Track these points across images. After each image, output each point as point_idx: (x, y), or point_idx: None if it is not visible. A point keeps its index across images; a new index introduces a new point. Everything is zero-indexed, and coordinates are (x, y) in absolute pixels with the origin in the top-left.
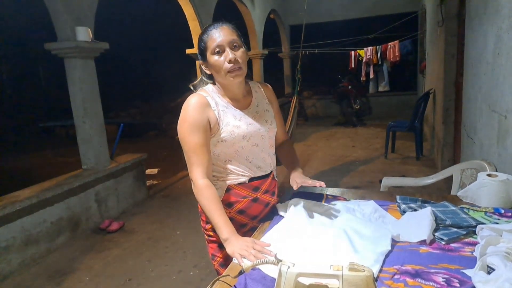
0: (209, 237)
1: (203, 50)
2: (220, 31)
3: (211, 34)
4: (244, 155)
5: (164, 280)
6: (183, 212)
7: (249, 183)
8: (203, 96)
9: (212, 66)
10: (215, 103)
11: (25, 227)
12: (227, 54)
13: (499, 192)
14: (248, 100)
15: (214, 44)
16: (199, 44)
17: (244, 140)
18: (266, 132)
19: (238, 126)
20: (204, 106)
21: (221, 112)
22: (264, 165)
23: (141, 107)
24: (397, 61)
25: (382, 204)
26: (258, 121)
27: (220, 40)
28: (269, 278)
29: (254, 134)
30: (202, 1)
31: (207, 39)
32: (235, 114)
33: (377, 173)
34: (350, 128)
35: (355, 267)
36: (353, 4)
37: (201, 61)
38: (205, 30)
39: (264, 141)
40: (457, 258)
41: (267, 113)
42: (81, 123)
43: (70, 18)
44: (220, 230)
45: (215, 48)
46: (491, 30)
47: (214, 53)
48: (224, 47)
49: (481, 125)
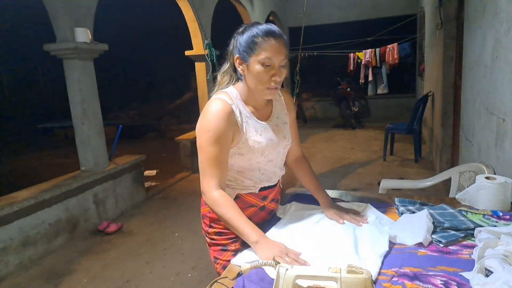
0: (211, 240)
1: (250, 50)
2: (279, 46)
3: (269, 42)
4: (257, 167)
5: (162, 282)
6: (182, 213)
7: (258, 193)
8: (228, 104)
9: (254, 75)
10: (239, 113)
11: (23, 229)
12: (276, 73)
13: (497, 195)
14: (269, 109)
15: (268, 56)
16: (246, 37)
17: (262, 156)
18: (283, 148)
19: (258, 142)
20: (229, 115)
21: (244, 124)
22: (274, 176)
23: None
24: (396, 64)
25: (380, 206)
26: (277, 137)
27: (276, 56)
28: (267, 280)
29: (272, 150)
30: (201, 2)
31: (261, 43)
32: (256, 128)
33: (375, 175)
34: (349, 130)
35: (354, 270)
36: (352, 6)
37: (239, 57)
38: (260, 28)
39: (278, 157)
40: (455, 260)
41: (285, 126)
42: (79, 124)
43: (69, 19)
44: (247, 235)
45: (266, 60)
46: (489, 33)
47: (263, 64)
48: (275, 64)
49: (480, 127)
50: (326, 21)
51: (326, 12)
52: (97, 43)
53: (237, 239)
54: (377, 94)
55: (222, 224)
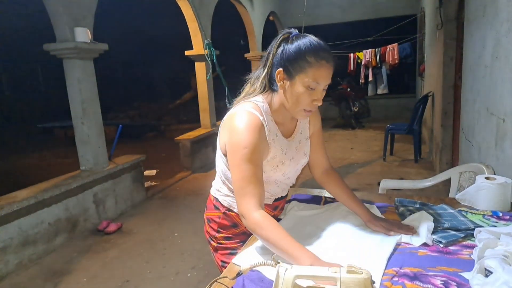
0: (219, 244)
1: (299, 67)
2: (329, 71)
3: (321, 66)
4: (274, 182)
5: (161, 282)
6: (181, 213)
7: (272, 204)
8: (258, 119)
9: (295, 94)
10: (269, 129)
11: (22, 228)
12: (318, 96)
13: (497, 195)
14: (293, 124)
15: (316, 80)
16: (296, 52)
17: (282, 175)
18: (301, 166)
19: (282, 162)
20: (261, 130)
21: (272, 142)
22: (287, 188)
23: (140, 109)
24: (396, 64)
25: (380, 206)
26: (298, 154)
27: (323, 81)
28: (267, 280)
29: (291, 169)
30: (201, 2)
31: (313, 64)
32: (282, 146)
33: (375, 176)
34: (349, 130)
35: (353, 269)
36: (352, 6)
37: (282, 71)
38: (316, 51)
39: (296, 173)
40: (455, 260)
41: (307, 142)
42: (79, 124)
43: (69, 18)
44: (299, 259)
45: (312, 84)
46: (489, 34)
47: (307, 86)
48: (320, 88)
49: (479, 128)
50: (326, 21)
51: (326, 12)
52: (97, 42)
53: (245, 243)
54: (377, 94)
55: (232, 230)
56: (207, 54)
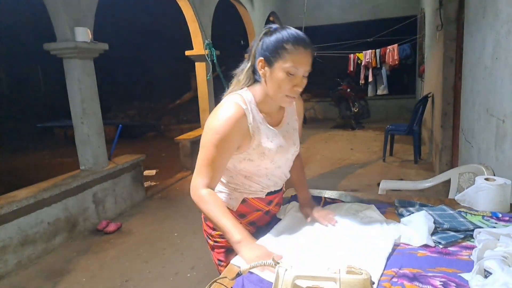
0: (215, 243)
1: (277, 55)
2: (307, 56)
3: (298, 51)
4: (265, 174)
5: (161, 282)
6: (181, 213)
7: (265, 197)
8: (242, 109)
9: (276, 81)
10: (252, 118)
11: (22, 228)
12: (298, 83)
13: (497, 196)
14: (281, 115)
15: (295, 65)
16: (274, 41)
17: (271, 163)
18: (291, 155)
19: (269, 148)
20: (240, 121)
21: (256, 130)
22: (280, 181)
23: (140, 108)
24: (396, 65)
25: (380, 207)
26: (287, 143)
27: (302, 66)
28: (266, 281)
29: (281, 157)
30: (202, 2)
31: (290, 50)
32: (268, 134)
33: (375, 176)
34: (349, 131)
35: (353, 270)
36: (353, 7)
37: (263, 60)
38: (291, 35)
39: (287, 163)
40: (455, 261)
41: (295, 133)
42: (79, 123)
43: (70, 18)
44: (231, 233)
45: (291, 69)
46: (489, 35)
47: (287, 73)
48: (299, 73)
49: (479, 129)
50: (326, 22)
51: (327, 13)
52: (97, 42)
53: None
54: (377, 95)
55: None
56: (207, 54)
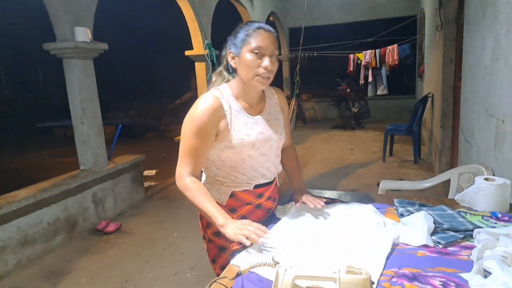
0: (209, 242)
1: (241, 42)
2: (268, 36)
3: (259, 33)
4: (250, 163)
5: (161, 282)
6: (181, 213)
7: (253, 190)
8: (217, 98)
9: (245, 63)
10: (229, 107)
11: (21, 228)
12: (266, 63)
13: (496, 196)
14: (261, 106)
15: (258, 44)
16: (237, 33)
17: (253, 149)
18: (275, 142)
19: (248, 134)
20: (216, 110)
21: (233, 118)
22: (269, 173)
23: (140, 108)
24: (396, 65)
25: (379, 207)
26: (269, 130)
27: (265, 44)
28: (266, 280)
29: (264, 143)
30: (201, 2)
31: (252, 34)
32: (246, 121)
33: (375, 176)
34: (349, 131)
35: (352, 270)
36: (352, 7)
37: (231, 51)
38: (251, 24)
39: (271, 151)
40: (454, 261)
41: (278, 122)
42: (79, 123)
43: (69, 18)
44: (215, 217)
45: (256, 49)
46: (489, 35)
47: (253, 52)
48: (265, 52)
49: (479, 129)
50: (326, 22)
51: (326, 13)
52: (97, 42)
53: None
54: (377, 95)
55: None
56: (207, 54)
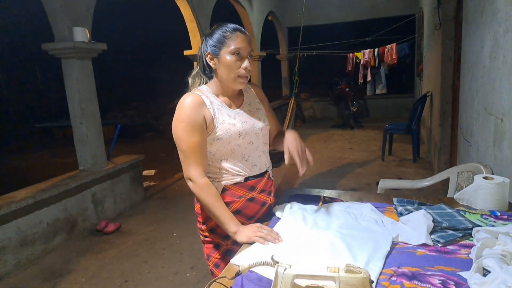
0: (204, 237)
1: (220, 44)
2: (244, 38)
3: (237, 36)
4: (240, 153)
5: (160, 282)
6: (180, 213)
7: (244, 183)
8: (198, 95)
9: (226, 64)
10: (210, 102)
11: (21, 228)
12: (245, 64)
13: (495, 195)
14: (240, 100)
15: (237, 46)
16: (215, 35)
17: (240, 137)
18: (260, 129)
19: (233, 124)
20: (199, 105)
21: (216, 111)
22: (259, 163)
23: (139, 108)
24: (395, 64)
25: (379, 206)
26: (252, 119)
27: (243, 46)
28: (265, 280)
29: (249, 131)
30: (200, 2)
31: (230, 36)
32: (229, 113)
33: (374, 175)
34: (348, 130)
35: (352, 269)
36: (351, 6)
37: (210, 53)
38: (226, 25)
39: (258, 139)
40: (453, 260)
41: (259, 111)
42: (78, 124)
43: (68, 18)
44: (228, 225)
45: (236, 50)
46: (488, 34)
47: (233, 54)
48: (244, 54)
49: (478, 128)
50: (325, 21)
51: (325, 12)
52: (96, 42)
53: (229, 237)
54: (376, 94)
55: (214, 222)
56: None
